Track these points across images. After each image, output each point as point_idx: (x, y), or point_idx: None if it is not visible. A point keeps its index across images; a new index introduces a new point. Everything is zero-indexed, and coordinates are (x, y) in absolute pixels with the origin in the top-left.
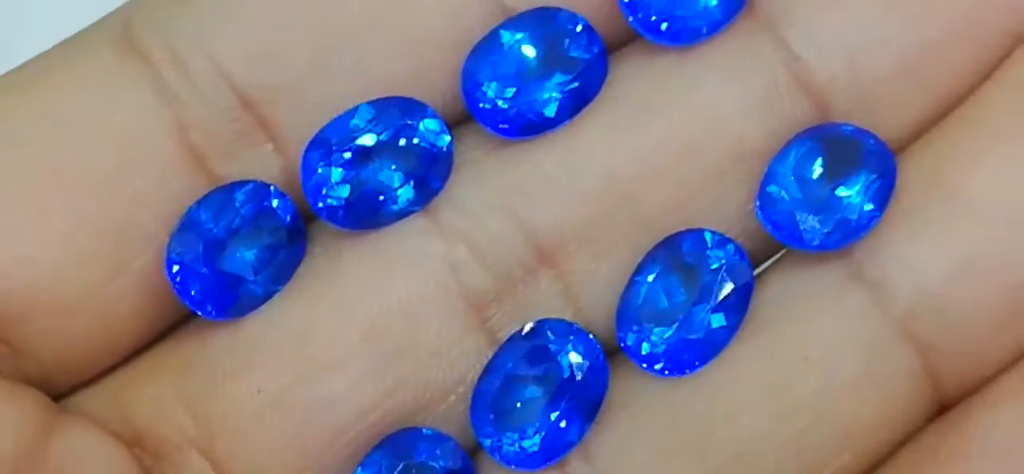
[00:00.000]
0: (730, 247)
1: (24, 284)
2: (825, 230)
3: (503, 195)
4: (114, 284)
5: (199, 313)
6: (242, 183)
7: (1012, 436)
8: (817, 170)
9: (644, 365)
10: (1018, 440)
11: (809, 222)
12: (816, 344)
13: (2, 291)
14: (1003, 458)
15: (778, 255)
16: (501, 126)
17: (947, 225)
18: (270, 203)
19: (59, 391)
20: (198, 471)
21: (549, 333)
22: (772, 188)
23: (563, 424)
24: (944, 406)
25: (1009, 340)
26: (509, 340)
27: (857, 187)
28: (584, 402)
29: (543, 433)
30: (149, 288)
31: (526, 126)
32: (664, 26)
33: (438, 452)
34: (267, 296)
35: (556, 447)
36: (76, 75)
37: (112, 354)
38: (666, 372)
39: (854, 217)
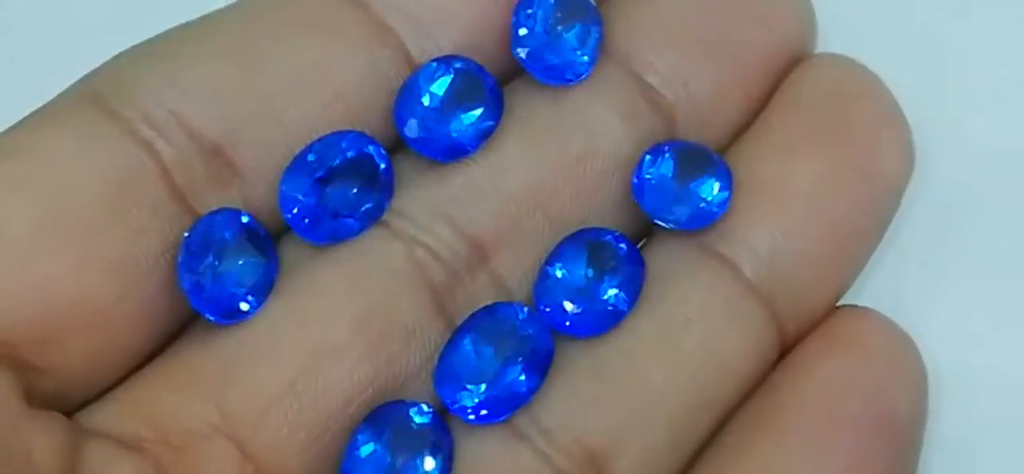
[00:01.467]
0: (622, 244)
1: (44, 310)
2: (688, 213)
3: (442, 206)
4: (123, 305)
5: (210, 318)
6: (221, 210)
7: (822, 389)
8: (677, 170)
9: (561, 329)
10: (827, 389)
11: (675, 208)
12: (692, 306)
13: (24, 317)
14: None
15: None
16: (428, 150)
17: (765, 206)
18: (245, 224)
19: (74, 404)
20: (225, 455)
21: (499, 312)
22: (645, 183)
23: (521, 379)
24: (786, 347)
25: (827, 290)
26: (466, 319)
27: (709, 184)
28: (536, 361)
29: (498, 390)
30: (154, 306)
31: (448, 149)
32: (554, 71)
33: (418, 411)
34: (254, 306)
35: (511, 401)
36: (66, 129)
37: (122, 367)
38: (577, 333)
39: (707, 205)
